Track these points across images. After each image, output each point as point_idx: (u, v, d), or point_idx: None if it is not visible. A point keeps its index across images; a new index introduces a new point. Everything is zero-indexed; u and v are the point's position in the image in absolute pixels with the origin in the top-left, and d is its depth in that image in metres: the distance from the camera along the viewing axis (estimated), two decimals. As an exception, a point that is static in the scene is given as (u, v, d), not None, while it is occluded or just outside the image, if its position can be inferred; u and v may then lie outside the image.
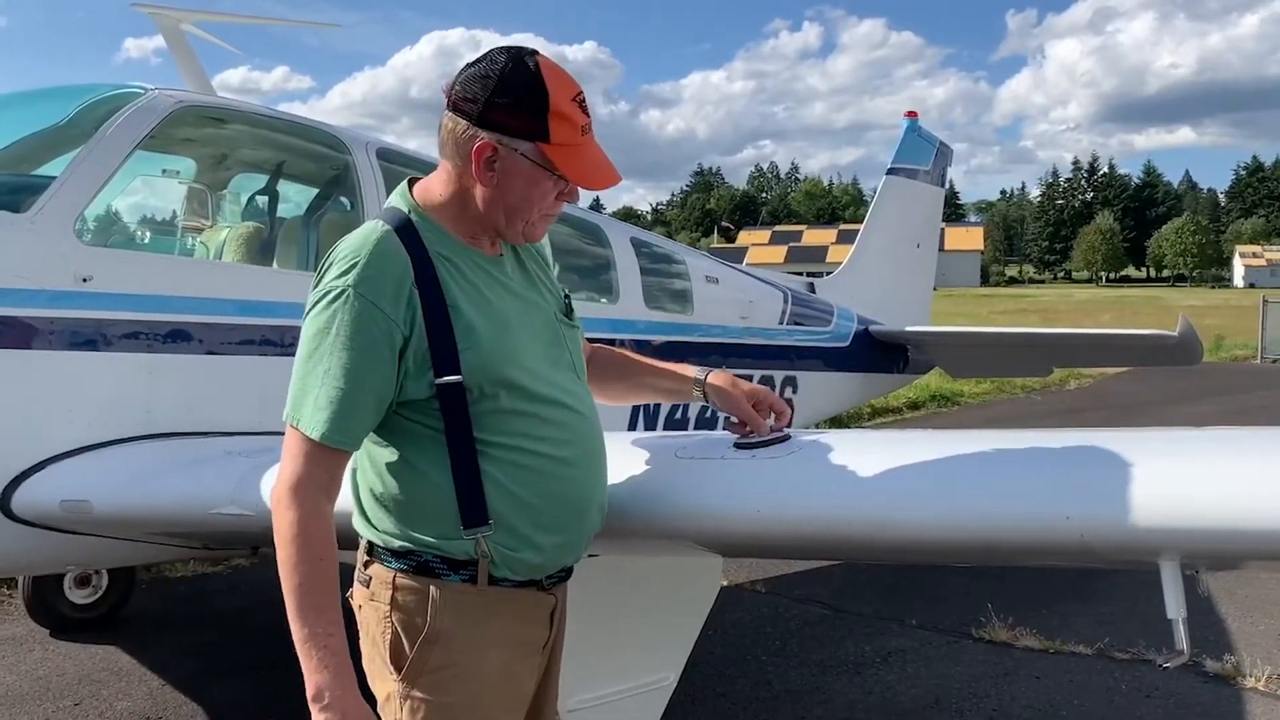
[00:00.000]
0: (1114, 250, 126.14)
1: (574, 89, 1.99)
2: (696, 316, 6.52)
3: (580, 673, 3.26)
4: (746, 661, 5.28)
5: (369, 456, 2.02)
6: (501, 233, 2.07)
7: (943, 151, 10.14)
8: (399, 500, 1.98)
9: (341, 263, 1.93)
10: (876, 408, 14.36)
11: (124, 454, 3.58)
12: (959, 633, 5.68)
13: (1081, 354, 9.74)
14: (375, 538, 2.02)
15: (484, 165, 1.97)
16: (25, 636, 5.62)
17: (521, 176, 1.98)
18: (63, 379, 3.53)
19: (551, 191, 2.02)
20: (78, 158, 3.77)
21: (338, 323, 1.88)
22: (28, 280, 3.45)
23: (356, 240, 1.96)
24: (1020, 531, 1.92)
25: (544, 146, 1.96)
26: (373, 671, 2.03)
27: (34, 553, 3.67)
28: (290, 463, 1.91)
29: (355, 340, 1.88)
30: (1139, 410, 15.60)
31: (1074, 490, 1.89)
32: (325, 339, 1.89)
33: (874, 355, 8.34)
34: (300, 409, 1.90)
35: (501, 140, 1.95)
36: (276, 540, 1.90)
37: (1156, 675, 4.99)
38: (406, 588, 1.97)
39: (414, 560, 1.98)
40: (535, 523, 2.01)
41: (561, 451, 2.05)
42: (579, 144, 2.00)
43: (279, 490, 1.91)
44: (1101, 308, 51.31)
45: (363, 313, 1.88)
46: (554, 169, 1.98)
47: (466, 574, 1.97)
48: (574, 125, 1.98)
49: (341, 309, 1.89)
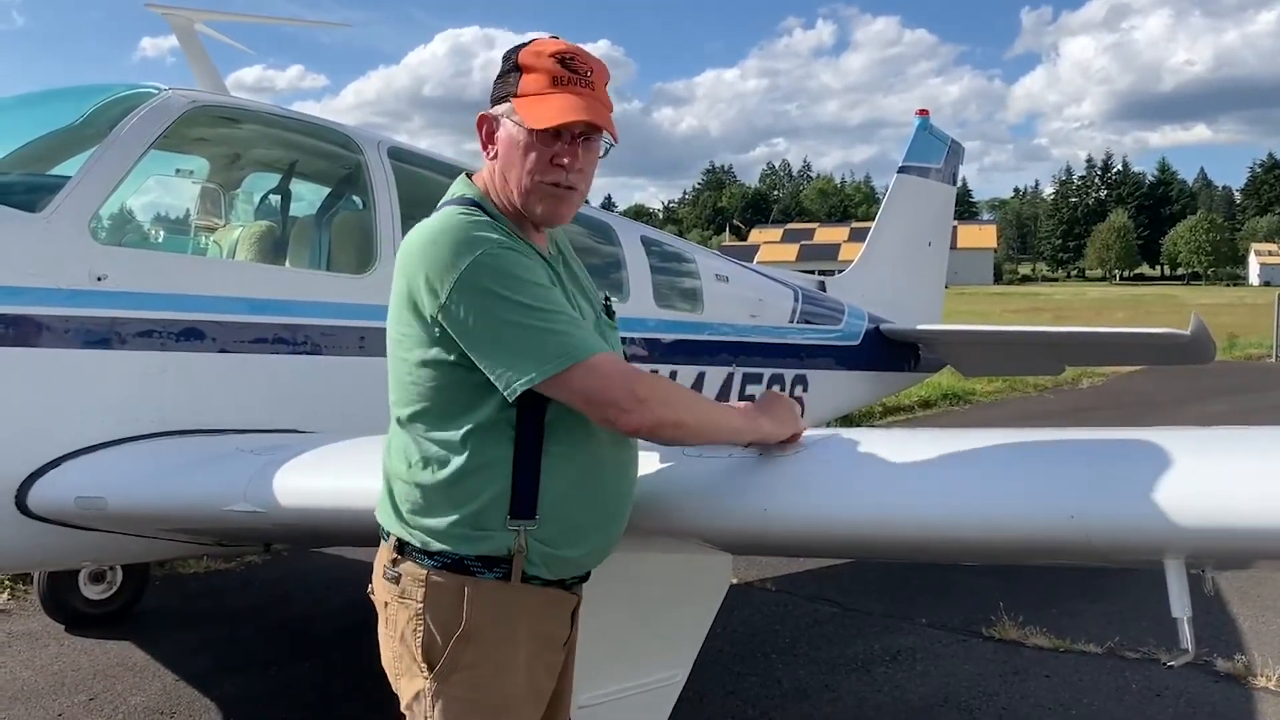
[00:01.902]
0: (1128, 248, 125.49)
1: (556, 46, 2.05)
2: (707, 315, 6.53)
3: (590, 670, 3.27)
4: (755, 659, 5.29)
5: (418, 440, 2.01)
6: (522, 209, 2.08)
7: (954, 150, 10.12)
8: (447, 485, 1.97)
9: (466, 240, 1.93)
10: (888, 406, 14.34)
11: (138, 451, 3.61)
12: (968, 631, 5.68)
13: (1093, 353, 9.72)
14: (409, 535, 2.02)
15: (486, 141, 2.09)
16: (40, 632, 5.67)
17: (507, 140, 2.05)
18: (78, 377, 3.57)
19: (541, 151, 2.02)
20: (92, 157, 3.80)
21: (500, 279, 1.90)
22: (43, 279, 3.49)
23: (458, 224, 1.97)
24: (1025, 530, 1.93)
25: (515, 101, 2.03)
26: (399, 669, 2.04)
27: (49, 549, 3.70)
28: (611, 371, 1.94)
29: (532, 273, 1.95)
30: (1151, 409, 15.53)
31: (1078, 489, 1.89)
32: (498, 295, 1.89)
33: (885, 354, 8.33)
34: (536, 363, 1.88)
35: (492, 111, 2.08)
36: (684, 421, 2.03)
37: (1167, 674, 4.98)
38: (440, 585, 1.98)
39: (448, 558, 1.98)
40: (577, 523, 2.05)
41: (610, 455, 2.10)
42: (549, 92, 2.01)
43: (637, 390, 1.95)
44: (1115, 306, 51.08)
45: (521, 256, 1.96)
46: (519, 120, 2.02)
47: (500, 571, 1.99)
48: (544, 75, 2.02)
49: (506, 260, 1.92)
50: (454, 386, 1.97)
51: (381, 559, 2.09)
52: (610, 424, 1.96)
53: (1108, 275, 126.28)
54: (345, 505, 2.98)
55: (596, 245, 6.31)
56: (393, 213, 4.49)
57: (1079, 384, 19.03)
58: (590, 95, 2.03)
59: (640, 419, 1.95)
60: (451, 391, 1.98)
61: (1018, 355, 9.20)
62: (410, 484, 2.01)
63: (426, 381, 1.99)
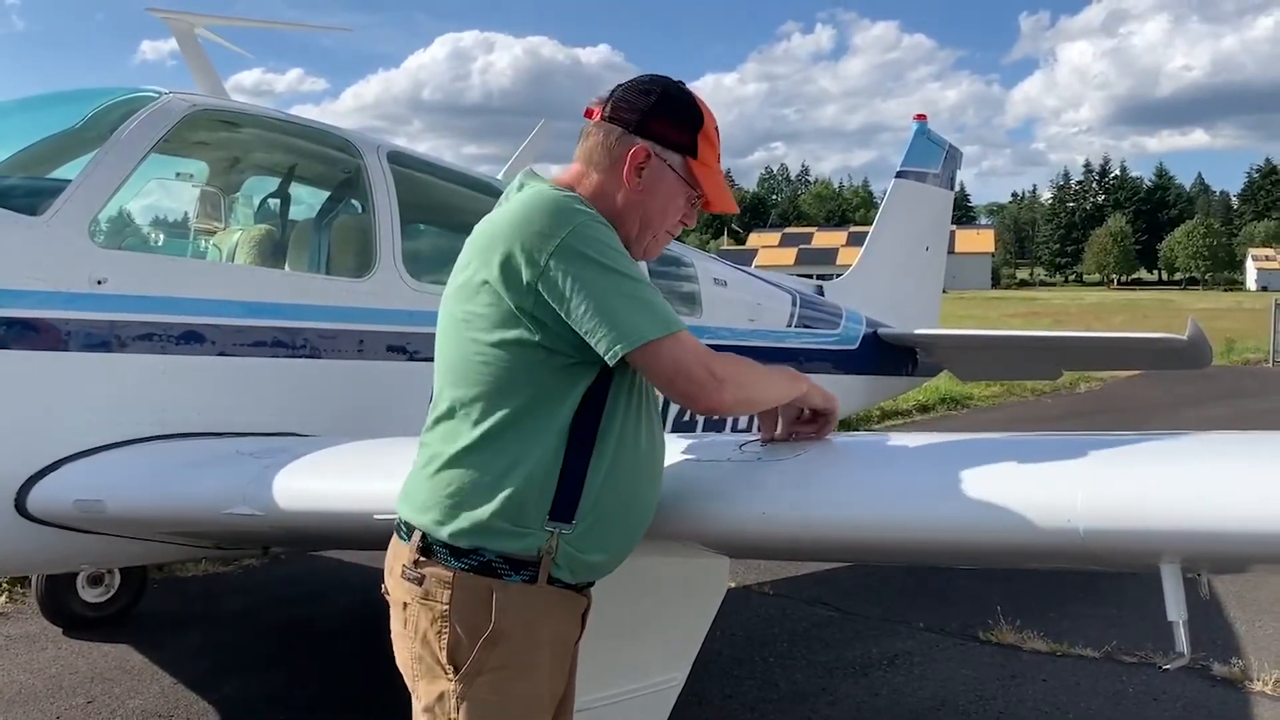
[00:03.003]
0: (1125, 253, 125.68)
1: (714, 119, 2.21)
2: (705, 319, 6.54)
3: (589, 672, 3.27)
4: (754, 663, 5.29)
5: (475, 423, 2.01)
6: (628, 244, 2.13)
7: (952, 154, 10.15)
8: (497, 473, 1.97)
9: (567, 213, 1.99)
10: (886, 410, 14.35)
11: (137, 454, 3.62)
12: (966, 635, 5.69)
13: (1090, 357, 9.74)
14: (439, 534, 2.00)
15: (634, 170, 2.11)
16: (38, 635, 5.67)
17: (665, 186, 2.14)
18: (77, 380, 3.57)
19: (684, 210, 2.20)
20: (93, 161, 3.81)
21: (607, 247, 1.98)
22: (43, 282, 3.50)
23: (560, 201, 2.02)
24: (1022, 534, 1.93)
25: (690, 162, 2.15)
26: (419, 671, 2.04)
27: (48, 552, 3.71)
28: (697, 349, 2.02)
29: (622, 251, 2.01)
30: (1149, 413, 15.56)
31: (1074, 493, 1.90)
32: (602, 267, 1.94)
33: (882, 358, 8.35)
34: (641, 326, 1.94)
35: (656, 149, 2.12)
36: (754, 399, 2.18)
37: (1164, 678, 4.99)
38: (467, 587, 1.98)
39: (476, 559, 1.98)
40: (608, 528, 2.07)
41: (649, 459, 2.14)
42: (715, 168, 2.20)
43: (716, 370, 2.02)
44: (1113, 311, 51.15)
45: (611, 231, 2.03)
46: (696, 184, 2.16)
47: (527, 574, 2.00)
48: (715, 150, 2.19)
49: (603, 235, 1.99)
50: (527, 370, 1.98)
51: (400, 558, 2.08)
52: (689, 400, 2.03)
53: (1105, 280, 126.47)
54: (344, 508, 2.99)
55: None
56: (392, 217, 4.50)
57: (1076, 388, 19.07)
58: None
59: (719, 399, 2.04)
60: (522, 375, 1.98)
61: (1015, 359, 9.22)
62: (457, 469, 2.01)
63: (499, 363, 1.99)
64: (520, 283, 1.94)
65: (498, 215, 2.06)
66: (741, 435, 2.49)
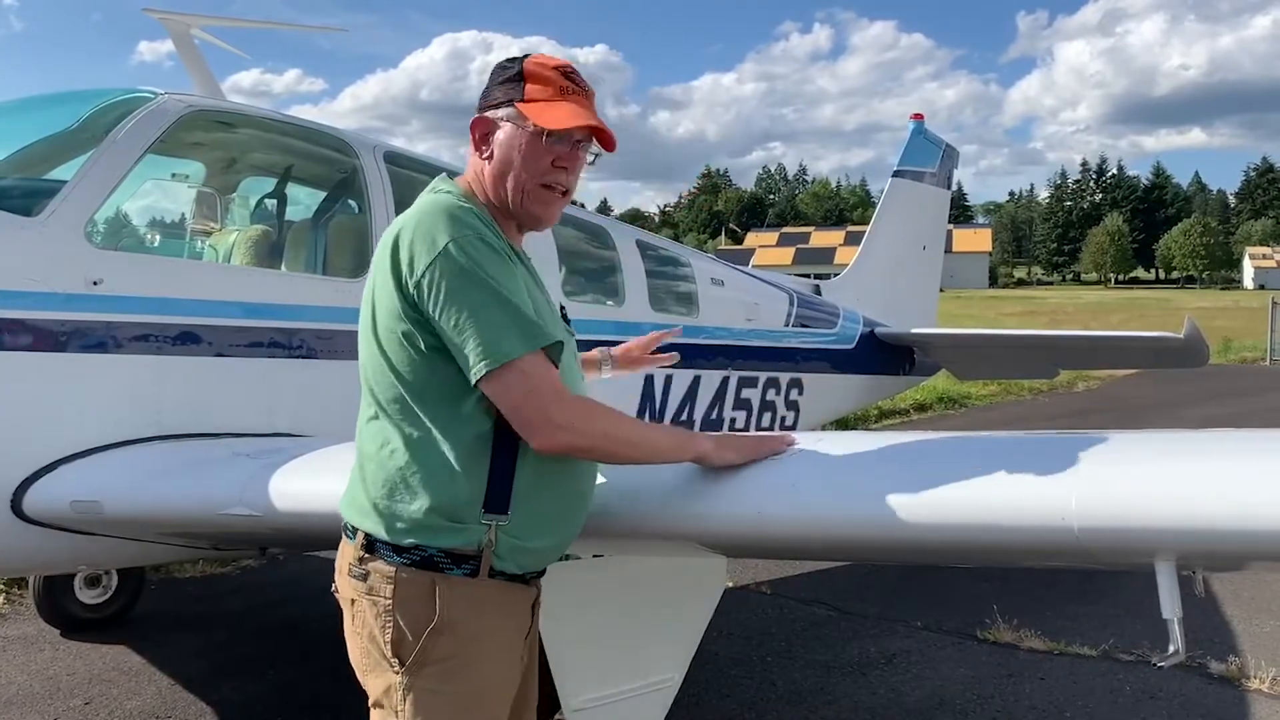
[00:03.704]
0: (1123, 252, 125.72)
1: (558, 61, 2.18)
2: (702, 319, 6.55)
3: (585, 672, 3.29)
4: (751, 662, 5.30)
5: (398, 425, 2.03)
6: (515, 214, 2.16)
7: (949, 154, 10.16)
8: (426, 472, 2.00)
9: (450, 224, 1.98)
10: (883, 409, 14.37)
11: (134, 455, 3.62)
12: (964, 634, 5.69)
13: (1087, 356, 9.76)
14: (379, 528, 2.04)
15: (480, 141, 2.16)
16: (36, 636, 5.66)
17: (507, 142, 2.13)
18: (73, 381, 3.57)
19: (542, 154, 2.12)
20: (89, 162, 3.81)
21: (482, 259, 1.96)
22: (39, 283, 3.49)
23: (444, 210, 2.02)
24: (1016, 532, 1.94)
25: (520, 105, 2.12)
26: (366, 666, 2.09)
27: (45, 553, 3.70)
28: (540, 388, 1.96)
29: (503, 264, 1.99)
30: (1146, 412, 15.58)
31: (1069, 491, 1.90)
32: (471, 282, 1.94)
33: (880, 357, 8.36)
34: (500, 346, 1.93)
35: (490, 115, 2.16)
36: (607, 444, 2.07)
37: (1161, 677, 5.00)
38: (410, 581, 2.01)
39: (418, 555, 2.01)
40: (546, 514, 2.10)
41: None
42: (552, 99, 2.13)
43: (553, 416, 1.96)
44: (1110, 310, 51.21)
45: (494, 249, 2.00)
46: (525, 120, 2.11)
47: (469, 568, 2.02)
48: (550, 84, 2.14)
49: (480, 248, 1.97)
50: (434, 370, 2.00)
51: (346, 556, 2.13)
52: (523, 433, 2.00)
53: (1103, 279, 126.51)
54: (341, 509, 2.98)
55: (592, 249, 6.33)
56: (389, 217, 4.50)
57: (1074, 387, 19.10)
58: (591, 106, 2.19)
59: (551, 440, 2.00)
60: (433, 375, 2.00)
61: (1013, 359, 9.23)
62: (388, 469, 2.04)
63: (411, 365, 2.01)
64: (408, 290, 1.97)
65: (398, 221, 2.07)
66: (746, 434, 2.49)
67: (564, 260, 5.63)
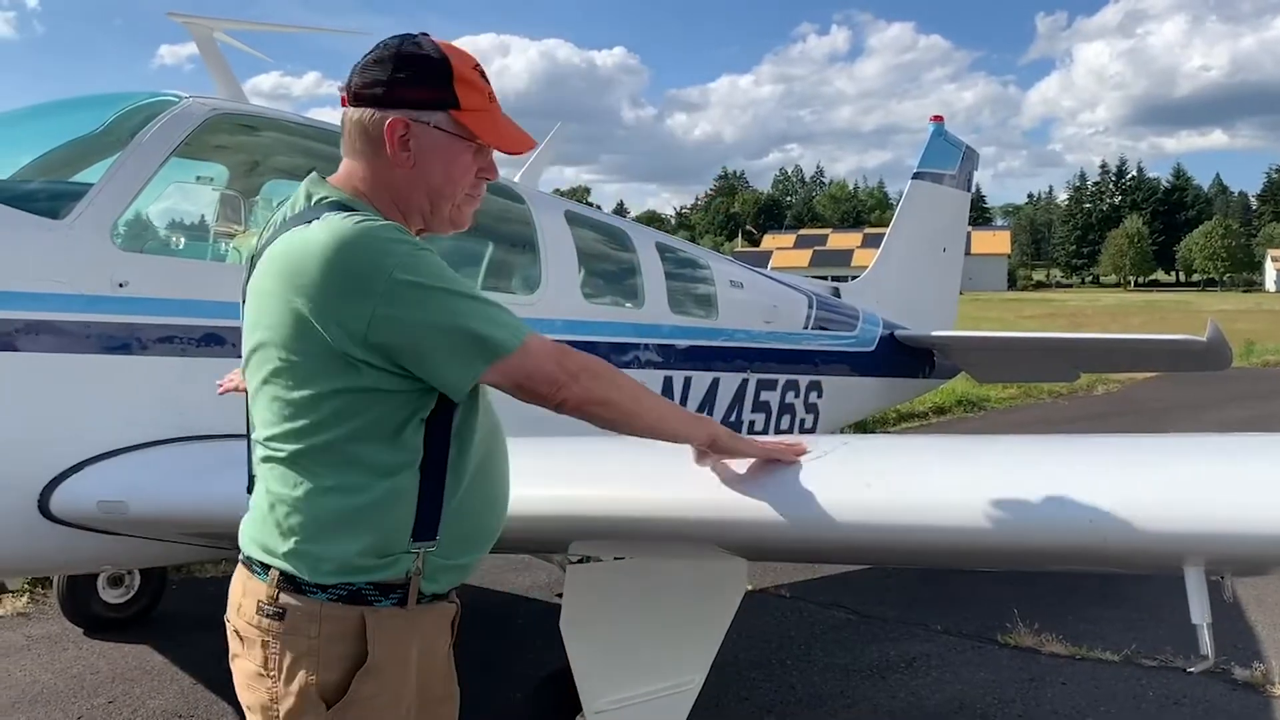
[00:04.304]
0: (1142, 254, 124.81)
1: (471, 59, 1.97)
2: (721, 321, 6.54)
3: (606, 674, 3.31)
4: (770, 666, 5.29)
5: (315, 469, 1.87)
6: (428, 223, 2.00)
7: (969, 156, 10.13)
8: (353, 514, 1.85)
9: (383, 243, 1.79)
10: (902, 413, 14.32)
11: (158, 456, 3.64)
12: (984, 638, 5.67)
13: (1108, 359, 9.72)
14: (297, 568, 1.87)
15: (399, 145, 1.91)
16: (60, 635, 5.71)
17: (439, 151, 1.93)
18: (99, 382, 3.60)
19: (471, 166, 1.97)
20: (114, 165, 3.84)
21: (436, 269, 1.82)
22: (65, 285, 3.53)
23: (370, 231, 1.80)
24: (1045, 536, 1.93)
25: (456, 114, 1.93)
26: (278, 710, 1.92)
27: (72, 553, 3.74)
28: (548, 348, 1.89)
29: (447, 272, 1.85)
30: (1167, 416, 15.46)
31: (1097, 495, 1.89)
32: (436, 287, 1.80)
33: (899, 360, 8.34)
34: (490, 342, 1.82)
35: (412, 115, 1.91)
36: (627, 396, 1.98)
37: (1184, 682, 4.96)
38: (336, 618, 1.86)
39: (345, 589, 1.87)
40: (471, 534, 2.00)
41: (494, 461, 2.05)
42: (489, 109, 1.97)
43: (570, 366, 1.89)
44: (1130, 312, 50.85)
45: (432, 253, 1.85)
46: (472, 135, 1.94)
47: (397, 597, 1.90)
48: (480, 91, 1.95)
49: (427, 258, 1.81)
50: (360, 407, 1.84)
51: (252, 594, 1.94)
52: (541, 399, 1.91)
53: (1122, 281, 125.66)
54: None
55: (611, 251, 6.33)
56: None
57: (1094, 390, 18.97)
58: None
59: (569, 393, 1.90)
60: (356, 412, 1.84)
61: (1033, 361, 9.20)
62: (308, 514, 1.87)
63: (329, 402, 1.83)
64: (345, 331, 1.78)
65: (305, 250, 1.80)
66: (762, 438, 2.48)
67: (583, 262, 5.64)
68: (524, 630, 5.88)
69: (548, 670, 3.63)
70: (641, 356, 5.83)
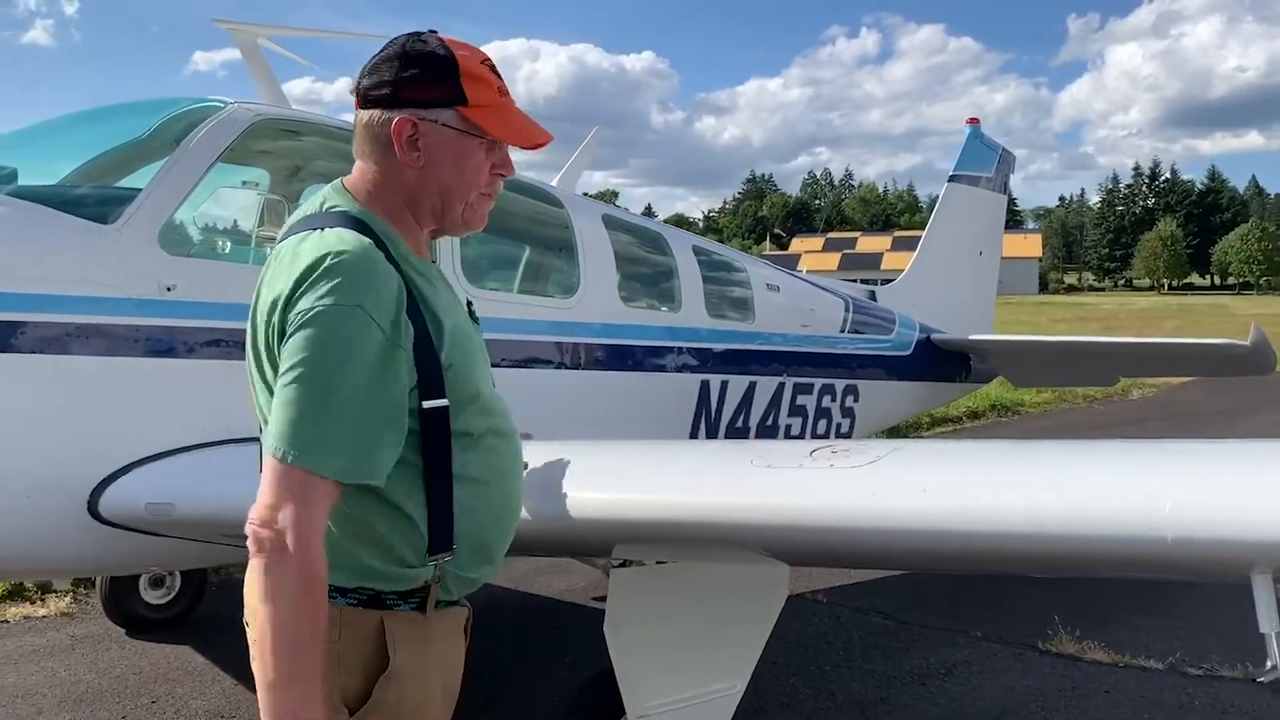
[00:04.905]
0: (1176, 257, 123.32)
1: (480, 54, 1.94)
2: (758, 324, 6.53)
3: (650, 679, 3.30)
4: (809, 671, 5.26)
5: None
6: (441, 223, 1.97)
7: (1005, 158, 10.07)
8: (358, 533, 1.85)
9: (336, 277, 1.74)
10: (935, 417, 14.23)
11: (205, 458, 3.67)
12: (1024, 645, 5.61)
13: (1149, 363, 9.58)
14: None
15: (406, 145, 1.88)
16: (102, 635, 5.77)
17: (449, 149, 1.90)
18: (148, 385, 3.63)
19: (485, 164, 1.94)
20: (162, 170, 3.88)
21: (350, 344, 1.71)
22: (114, 289, 3.57)
23: (347, 256, 1.77)
24: (1106, 542, 1.90)
25: (464, 110, 1.89)
26: None
27: (118, 554, 3.77)
28: (297, 505, 1.68)
29: (373, 364, 1.73)
30: (1204, 421, 15.26)
31: (1163, 500, 1.86)
32: (332, 362, 1.71)
33: (936, 364, 8.28)
34: (312, 444, 1.69)
35: (419, 115, 1.88)
36: (268, 590, 1.68)
37: (1231, 691, 4.89)
38: (355, 623, 1.86)
39: (364, 594, 1.87)
40: (487, 541, 1.99)
41: (506, 467, 2.03)
42: (500, 104, 1.93)
43: (286, 536, 1.67)
44: (1164, 316, 50.23)
45: (373, 334, 1.73)
46: (482, 132, 1.90)
47: (416, 601, 1.90)
48: (490, 86, 1.91)
49: (350, 328, 1.72)
50: None
51: None
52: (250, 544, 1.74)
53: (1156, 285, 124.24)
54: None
55: (648, 255, 6.33)
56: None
57: (1129, 395, 18.76)
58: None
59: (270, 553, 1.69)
60: None
61: (1072, 365, 9.11)
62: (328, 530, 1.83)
63: None
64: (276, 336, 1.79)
65: (293, 255, 1.81)
66: (811, 442, 2.47)
67: (621, 266, 5.64)
68: (562, 634, 5.88)
69: (589, 674, 3.63)
70: (678, 360, 5.83)
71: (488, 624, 2.27)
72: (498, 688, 4.91)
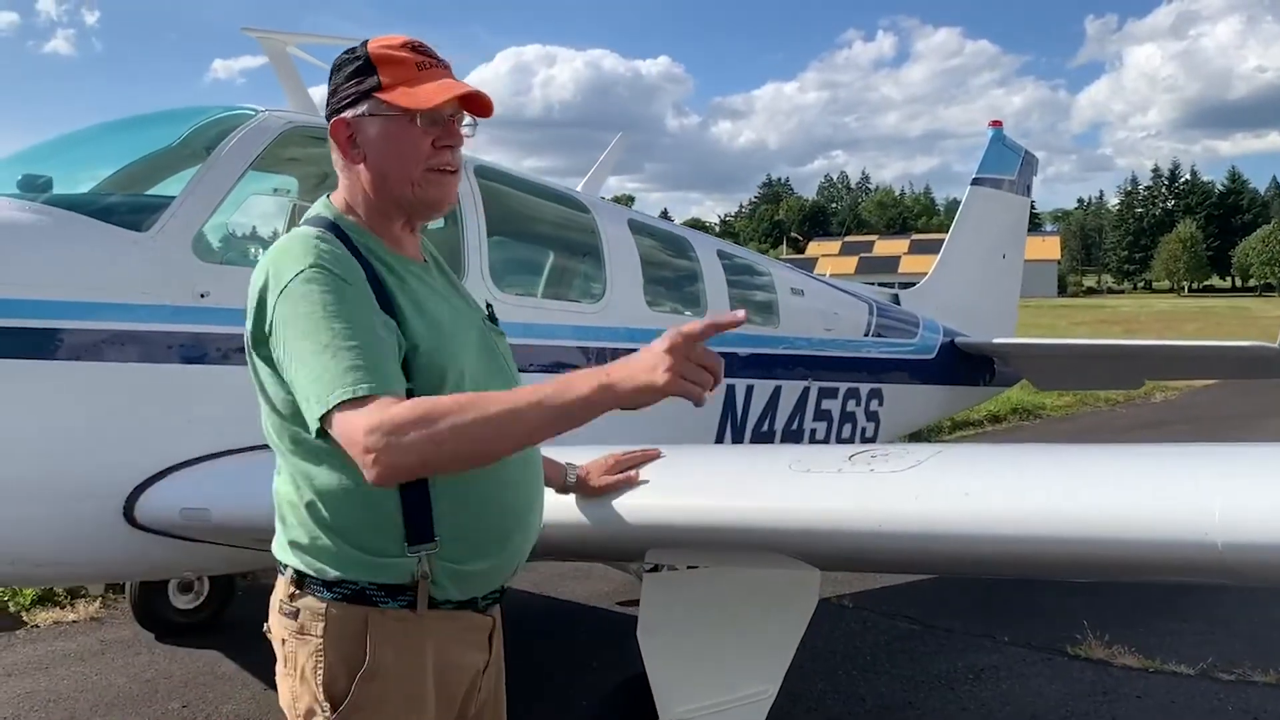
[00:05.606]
0: (1196, 259, 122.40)
1: (404, 40, 2.01)
2: (782, 328, 6.52)
3: (681, 684, 3.30)
4: (837, 676, 5.25)
5: (301, 476, 1.91)
6: (403, 207, 2.00)
7: (1028, 161, 10.03)
8: (335, 522, 1.88)
9: (297, 258, 1.83)
10: (956, 421, 14.17)
11: (239, 464, 3.69)
12: (1053, 650, 5.58)
13: (1175, 366, 9.52)
14: (306, 567, 1.92)
15: (348, 144, 1.98)
16: (132, 640, 5.81)
17: (380, 135, 1.96)
18: (182, 391, 3.66)
19: (421, 138, 1.96)
20: (195, 177, 3.91)
21: (318, 297, 1.78)
22: (150, 296, 3.59)
23: (298, 243, 1.87)
24: (1154, 547, 1.89)
25: (380, 94, 1.96)
26: (298, 710, 1.93)
27: (153, 559, 3.80)
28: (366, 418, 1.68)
29: (344, 300, 1.79)
30: (1228, 424, 15.15)
31: (1212, 505, 1.85)
32: (310, 317, 1.77)
33: (960, 367, 8.25)
34: (337, 383, 1.72)
35: (349, 114, 1.98)
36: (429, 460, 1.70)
37: (1264, 696, 4.85)
38: (340, 618, 1.88)
39: (349, 589, 1.88)
40: (482, 533, 1.97)
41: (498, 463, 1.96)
42: (417, 78, 1.97)
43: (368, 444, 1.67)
44: (1184, 318, 49.91)
45: (336, 283, 1.81)
46: (398, 108, 1.94)
47: (405, 599, 1.90)
48: (406, 64, 1.97)
49: (319, 284, 1.79)
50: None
51: (278, 593, 1.99)
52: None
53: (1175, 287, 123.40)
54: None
55: (673, 259, 6.33)
56: (480, 229, 4.56)
57: (1151, 397, 18.64)
58: (452, 75, 2.03)
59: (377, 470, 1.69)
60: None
61: (1097, 368, 9.06)
62: (302, 510, 1.91)
63: (289, 410, 1.88)
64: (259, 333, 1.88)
65: (258, 268, 1.93)
66: (850, 446, 2.47)
67: (646, 270, 5.65)
68: (589, 639, 5.88)
69: (620, 678, 3.63)
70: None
71: (511, 627, 2.25)
72: (526, 690, 4.91)
